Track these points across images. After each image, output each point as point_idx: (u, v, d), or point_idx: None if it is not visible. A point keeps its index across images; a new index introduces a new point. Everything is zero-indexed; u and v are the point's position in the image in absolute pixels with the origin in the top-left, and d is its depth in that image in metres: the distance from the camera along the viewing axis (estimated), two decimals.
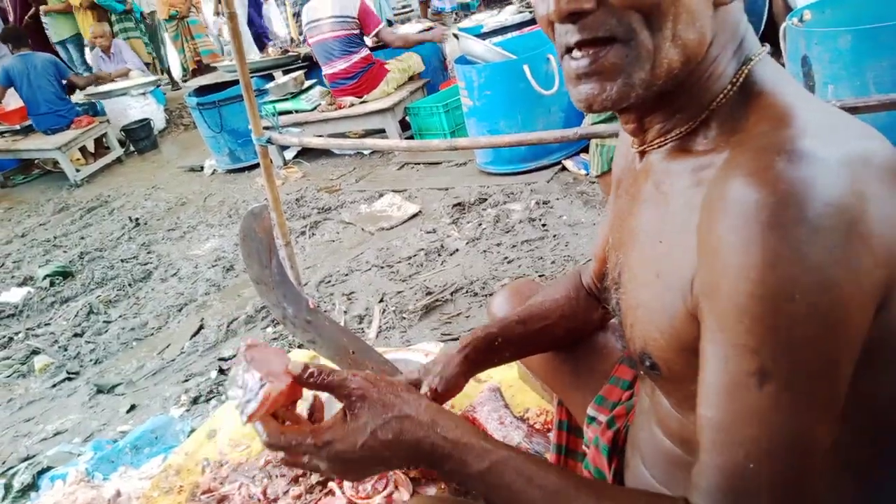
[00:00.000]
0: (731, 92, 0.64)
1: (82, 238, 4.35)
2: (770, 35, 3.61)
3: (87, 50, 7.83)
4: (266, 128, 2.39)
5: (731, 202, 0.54)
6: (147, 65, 7.85)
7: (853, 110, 1.41)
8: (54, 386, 2.64)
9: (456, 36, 3.82)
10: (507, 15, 4.81)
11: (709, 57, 0.63)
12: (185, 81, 7.13)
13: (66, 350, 2.90)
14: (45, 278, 3.66)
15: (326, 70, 4.35)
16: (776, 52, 3.73)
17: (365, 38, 4.32)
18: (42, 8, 7.46)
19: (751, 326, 0.53)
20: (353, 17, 4.17)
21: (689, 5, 0.60)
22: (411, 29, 4.93)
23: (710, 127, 0.65)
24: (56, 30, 7.59)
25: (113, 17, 7.55)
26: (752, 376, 0.54)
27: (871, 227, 0.53)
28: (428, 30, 4.81)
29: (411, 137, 4.30)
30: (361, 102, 4.36)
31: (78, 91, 6.36)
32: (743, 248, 0.53)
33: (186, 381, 2.41)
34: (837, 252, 0.52)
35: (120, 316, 3.13)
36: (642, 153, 0.74)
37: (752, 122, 0.61)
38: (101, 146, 6.07)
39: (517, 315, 1.04)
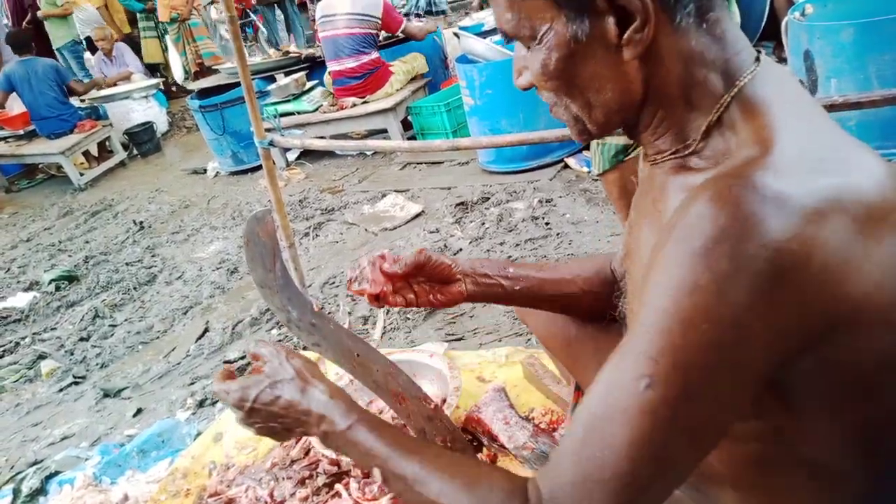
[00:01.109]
0: (714, 119, 0.64)
1: (87, 242, 4.37)
2: (772, 29, 3.60)
3: (86, 55, 7.84)
4: (268, 130, 2.40)
5: (681, 223, 0.56)
6: (160, 65, 7.80)
7: (856, 105, 1.41)
8: (61, 390, 2.65)
9: (457, 35, 3.81)
10: None
11: (682, 88, 0.65)
12: (186, 83, 7.14)
13: (72, 354, 2.91)
14: (50, 283, 3.68)
15: (333, 66, 4.31)
16: (778, 47, 3.71)
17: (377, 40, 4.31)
18: (39, 13, 7.41)
19: (656, 339, 0.55)
20: (376, 17, 4.12)
21: (590, 79, 0.65)
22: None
23: (706, 147, 0.66)
24: (53, 35, 7.56)
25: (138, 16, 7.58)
26: (640, 380, 0.55)
27: (810, 274, 0.52)
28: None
29: (413, 137, 4.30)
30: (363, 103, 4.36)
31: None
32: (673, 267, 0.54)
33: (192, 384, 2.41)
34: (757, 296, 0.52)
35: (125, 320, 3.14)
36: (652, 164, 0.75)
37: (739, 145, 0.61)
38: (105, 150, 6.09)
39: (539, 266, 1.06)
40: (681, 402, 0.54)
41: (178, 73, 7.66)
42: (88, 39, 7.75)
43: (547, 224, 2.89)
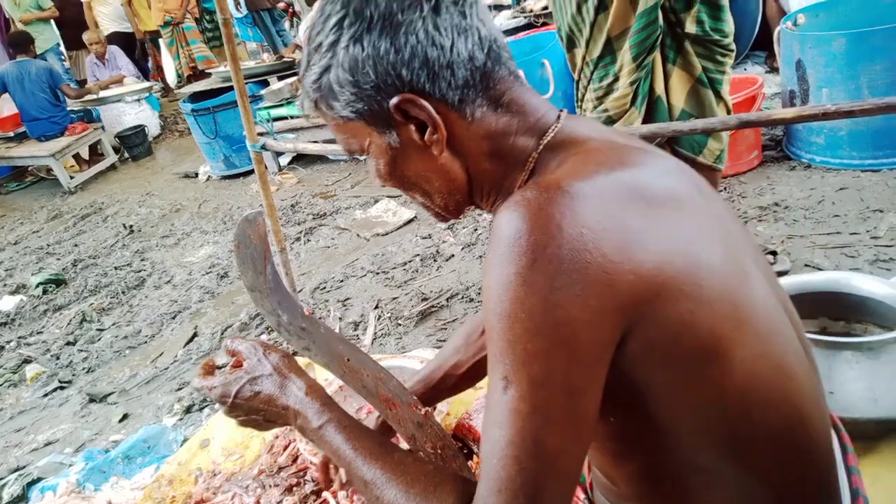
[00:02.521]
0: (528, 174, 0.73)
1: (76, 245, 4.33)
2: (764, 39, 3.63)
3: (89, 57, 7.76)
4: (261, 134, 2.38)
5: (492, 236, 0.62)
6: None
7: (849, 114, 1.41)
8: (46, 395, 2.61)
9: None
10: (502, 20, 4.82)
11: (494, 161, 0.74)
12: (179, 87, 7.10)
13: (58, 359, 2.87)
14: (37, 286, 3.64)
15: None
16: (770, 56, 3.74)
17: None
18: (22, 17, 7.27)
19: (497, 339, 0.60)
20: None
21: (417, 175, 0.75)
22: None
23: None
24: (38, 39, 7.39)
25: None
26: (500, 382, 0.60)
27: (604, 254, 0.58)
28: None
29: None
30: None
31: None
32: (490, 270, 0.60)
33: (180, 389, 2.38)
34: (559, 280, 0.57)
35: (113, 324, 3.10)
36: None
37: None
38: (96, 153, 6.05)
39: (425, 376, 1.17)
40: (533, 393, 0.58)
41: (170, 77, 7.63)
42: (115, 36, 7.64)
43: None
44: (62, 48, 7.74)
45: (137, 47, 8.11)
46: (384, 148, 0.74)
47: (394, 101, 0.68)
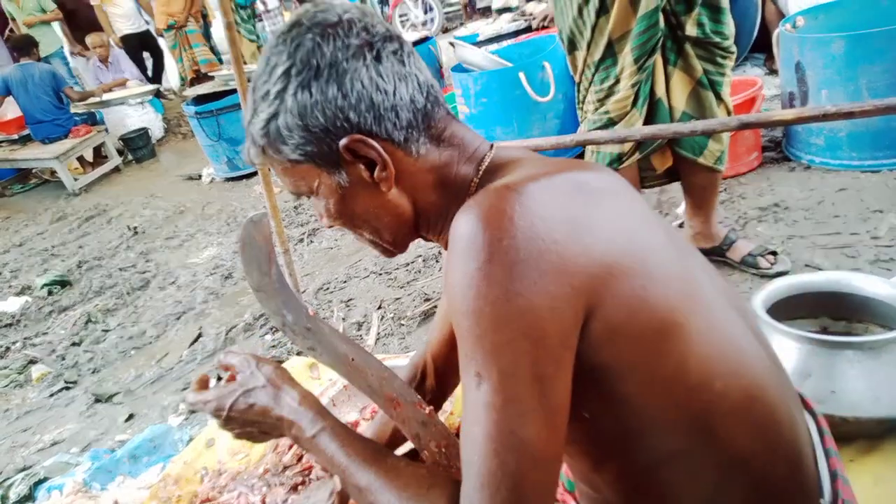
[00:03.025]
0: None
1: (80, 247, 4.35)
2: (763, 41, 3.64)
3: (71, 63, 7.75)
4: None
5: (450, 241, 0.65)
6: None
7: (849, 115, 1.43)
8: (52, 395, 2.63)
9: (452, 44, 3.84)
10: (503, 23, 4.84)
11: (440, 193, 0.79)
12: (182, 91, 7.10)
13: (63, 359, 2.89)
14: (42, 287, 3.66)
15: None
16: (769, 58, 3.75)
17: None
18: (25, 20, 7.28)
19: (465, 336, 0.62)
20: None
21: (366, 212, 0.79)
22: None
23: None
24: (42, 43, 7.38)
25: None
26: (473, 379, 0.62)
27: (553, 243, 0.61)
28: None
29: None
30: None
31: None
32: (451, 271, 0.63)
33: (185, 389, 2.40)
34: (516, 270, 0.60)
35: (118, 325, 3.12)
36: None
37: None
38: (100, 155, 6.07)
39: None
40: (504, 384, 0.60)
41: (174, 80, 7.65)
42: (128, 38, 7.62)
43: None
44: (66, 51, 7.75)
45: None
46: (333, 188, 0.77)
47: (343, 141, 0.72)
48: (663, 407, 0.67)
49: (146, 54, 7.97)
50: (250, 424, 0.86)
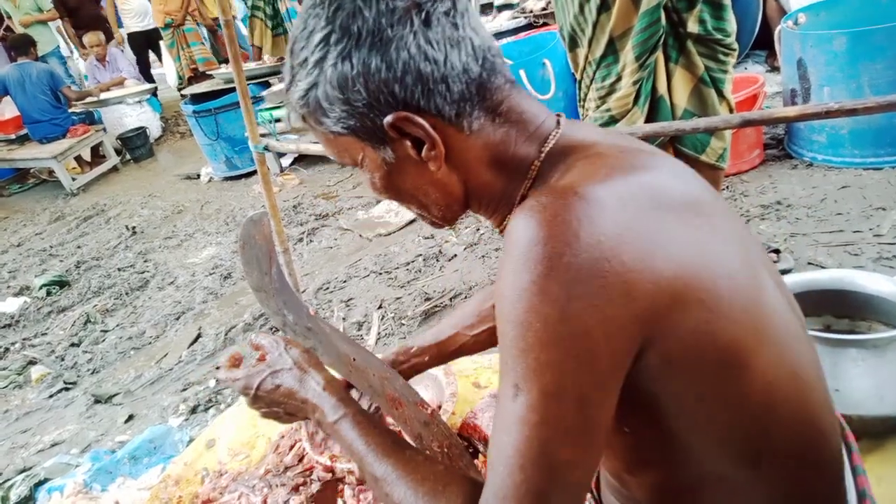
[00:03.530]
0: (530, 183, 0.71)
1: (79, 247, 4.33)
2: (765, 38, 3.63)
3: (69, 62, 7.72)
4: (263, 135, 2.39)
5: (506, 241, 0.61)
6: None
7: (851, 112, 1.42)
8: (51, 396, 2.62)
9: None
10: (503, 20, 4.83)
11: (493, 173, 0.73)
12: (180, 89, 7.06)
13: (62, 360, 2.88)
14: (41, 288, 3.64)
15: None
16: (771, 55, 3.74)
17: None
18: (21, 20, 7.23)
19: (509, 346, 0.59)
20: None
21: (413, 189, 0.74)
22: None
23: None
24: (39, 42, 7.32)
25: None
26: (511, 389, 0.59)
27: (622, 263, 0.56)
28: None
29: None
30: None
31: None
32: (504, 277, 0.59)
33: (185, 390, 2.39)
34: (576, 290, 0.55)
35: (117, 325, 3.11)
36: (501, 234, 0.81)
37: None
38: (97, 155, 6.06)
39: (434, 333, 1.17)
40: (544, 402, 0.57)
41: (171, 79, 7.62)
42: (133, 37, 7.56)
43: None
44: (62, 50, 7.72)
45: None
46: (379, 163, 0.72)
47: (388, 119, 0.66)
48: (714, 433, 0.64)
49: (152, 54, 7.95)
50: (276, 405, 0.88)
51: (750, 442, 0.64)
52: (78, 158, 5.90)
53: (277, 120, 4.47)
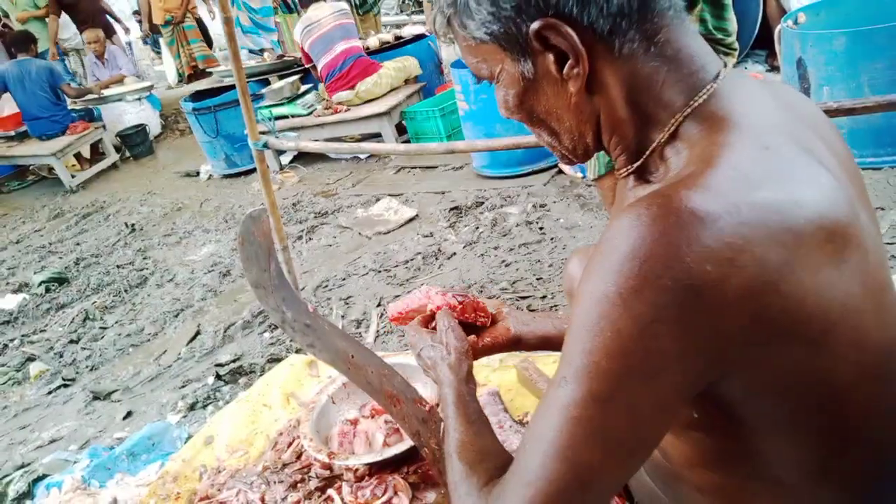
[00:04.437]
0: (666, 136, 0.65)
1: (78, 244, 4.33)
2: (765, 37, 3.63)
3: (66, 59, 7.68)
4: (262, 132, 2.38)
5: (605, 237, 0.57)
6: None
7: (851, 111, 1.42)
8: (50, 393, 2.62)
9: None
10: None
11: (630, 111, 0.66)
12: (180, 86, 7.07)
13: (61, 357, 2.88)
14: (40, 285, 3.64)
15: (325, 59, 4.38)
16: (771, 55, 3.74)
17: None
18: (18, 16, 7.19)
19: (573, 340, 0.57)
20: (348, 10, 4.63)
21: (547, 111, 0.69)
22: None
23: (661, 162, 0.66)
24: (39, 38, 7.26)
25: None
26: (560, 378, 0.58)
27: (725, 296, 0.52)
28: None
29: (408, 142, 4.30)
30: (357, 101, 4.36)
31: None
32: (591, 277, 0.56)
33: (183, 387, 2.39)
34: (663, 313, 0.52)
35: (116, 322, 3.11)
36: (619, 178, 0.76)
37: (687, 161, 0.62)
38: (97, 152, 6.05)
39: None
40: (591, 403, 0.55)
41: (171, 76, 7.62)
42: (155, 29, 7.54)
43: (541, 229, 2.89)
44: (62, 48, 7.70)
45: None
46: (516, 77, 0.67)
47: (535, 25, 0.61)
48: (789, 447, 0.61)
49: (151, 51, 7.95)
50: (427, 368, 0.99)
51: (827, 463, 0.62)
52: (77, 155, 5.89)
53: (276, 118, 4.47)
